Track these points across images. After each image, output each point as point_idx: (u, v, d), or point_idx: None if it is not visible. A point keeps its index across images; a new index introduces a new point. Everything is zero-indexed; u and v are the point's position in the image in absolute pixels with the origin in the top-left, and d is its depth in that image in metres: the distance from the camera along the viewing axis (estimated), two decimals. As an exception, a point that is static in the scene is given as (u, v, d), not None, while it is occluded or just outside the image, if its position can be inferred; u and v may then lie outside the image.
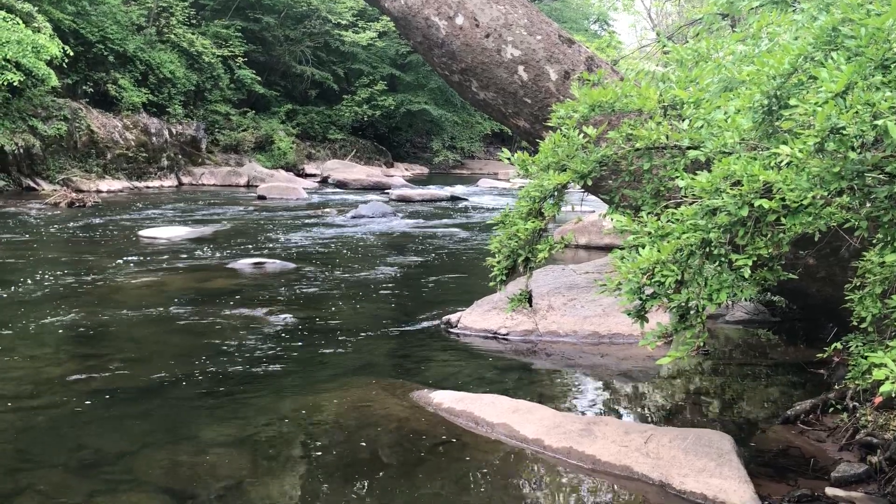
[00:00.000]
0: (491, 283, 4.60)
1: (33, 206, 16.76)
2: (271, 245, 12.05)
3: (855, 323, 3.73)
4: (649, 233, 3.26)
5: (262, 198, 20.73)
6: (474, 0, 6.39)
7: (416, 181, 29.90)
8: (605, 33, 47.32)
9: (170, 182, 25.05)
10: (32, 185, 20.33)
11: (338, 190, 25.47)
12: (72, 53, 20.34)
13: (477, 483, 3.84)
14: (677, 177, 3.39)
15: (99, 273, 9.18)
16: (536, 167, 4.23)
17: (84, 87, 23.78)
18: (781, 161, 2.93)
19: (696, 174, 3.18)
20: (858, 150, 2.87)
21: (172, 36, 27.52)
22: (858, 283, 3.83)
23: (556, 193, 4.25)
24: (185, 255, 10.74)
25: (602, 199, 5.78)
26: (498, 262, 4.51)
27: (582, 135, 4.12)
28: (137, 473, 3.86)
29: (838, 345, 4.07)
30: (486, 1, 6.39)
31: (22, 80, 18.07)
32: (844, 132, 2.78)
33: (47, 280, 8.68)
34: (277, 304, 7.75)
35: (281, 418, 4.66)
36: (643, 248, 3.21)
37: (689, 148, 3.74)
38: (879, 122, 2.69)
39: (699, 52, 4.66)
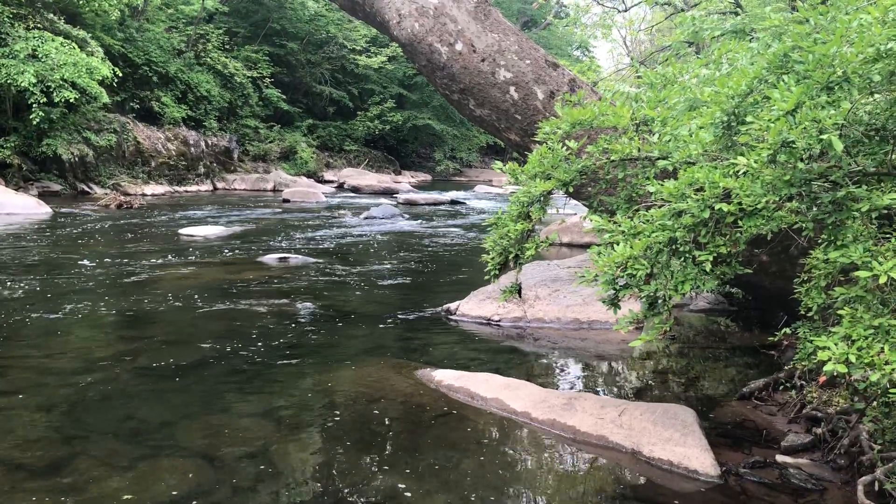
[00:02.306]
0: (485, 276, 4.60)
1: (87, 207, 16.76)
2: (294, 242, 12.05)
3: (803, 312, 3.74)
4: (623, 232, 3.26)
5: (286, 201, 20.70)
6: (472, 29, 6.38)
7: (420, 187, 29.85)
8: (586, 58, 47.31)
9: (206, 187, 25.01)
10: (86, 189, 20.33)
11: (352, 194, 25.44)
12: (121, 74, 20.36)
13: (473, 450, 3.85)
14: (648, 184, 3.40)
15: (144, 266, 9.18)
16: (525, 176, 4.23)
17: (131, 104, 23.78)
18: (739, 170, 2.93)
19: (664, 182, 3.18)
20: (806, 161, 2.88)
21: (208, 59, 27.50)
22: (806, 277, 3.83)
23: (542, 199, 4.25)
24: (219, 251, 10.74)
25: (582, 203, 5.78)
26: (492, 258, 4.52)
27: (565, 148, 4.12)
28: (177, 440, 3.87)
29: (788, 330, 4.08)
30: (482, 29, 6.38)
31: (77, 97, 18.08)
32: (794, 145, 2.79)
33: (99, 271, 8.68)
34: (299, 293, 7.75)
35: (302, 393, 4.67)
36: (617, 245, 3.22)
37: (658, 159, 3.74)
38: (825, 137, 2.70)
39: (667, 76, 4.66)
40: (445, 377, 4.86)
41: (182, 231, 12.77)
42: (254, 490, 3.32)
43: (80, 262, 9.27)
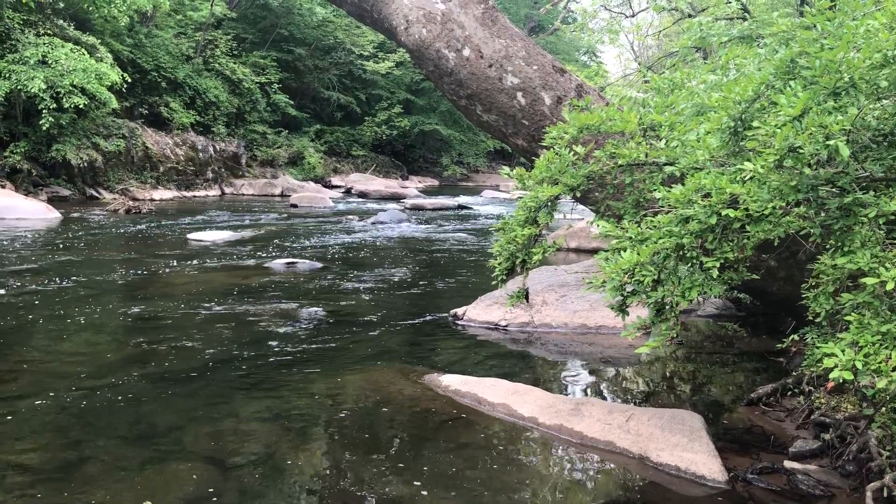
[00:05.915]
0: (493, 282, 4.61)
1: (96, 212, 16.85)
2: (302, 247, 12.08)
3: (810, 317, 3.73)
4: (630, 238, 3.27)
5: (294, 206, 20.74)
6: (479, 34, 6.40)
7: (428, 192, 29.87)
8: (594, 64, 47.33)
9: (214, 192, 25.09)
10: (95, 193, 20.43)
11: (360, 199, 25.46)
12: (129, 80, 20.45)
13: (480, 455, 3.85)
14: (655, 189, 3.40)
15: (152, 270, 9.23)
16: (532, 181, 4.24)
17: (140, 109, 23.89)
18: (746, 176, 2.94)
19: (671, 187, 3.19)
20: (813, 167, 2.88)
21: (217, 65, 27.63)
22: (814, 283, 3.82)
23: (549, 204, 4.26)
24: (227, 256, 10.78)
25: (590, 208, 5.78)
26: (499, 264, 4.53)
27: (572, 153, 4.13)
28: (185, 444, 3.89)
29: (796, 336, 4.07)
30: (489, 35, 6.40)
31: (86, 103, 18.18)
32: (801, 151, 2.79)
33: (108, 276, 8.73)
34: (307, 298, 7.78)
35: (309, 397, 4.68)
36: (625, 251, 3.22)
37: (665, 164, 3.75)
38: (831, 143, 2.70)
39: (675, 81, 4.67)
40: (453, 382, 4.87)
41: (190, 236, 12.82)
42: (261, 495, 3.34)
43: (88, 267, 9.32)
